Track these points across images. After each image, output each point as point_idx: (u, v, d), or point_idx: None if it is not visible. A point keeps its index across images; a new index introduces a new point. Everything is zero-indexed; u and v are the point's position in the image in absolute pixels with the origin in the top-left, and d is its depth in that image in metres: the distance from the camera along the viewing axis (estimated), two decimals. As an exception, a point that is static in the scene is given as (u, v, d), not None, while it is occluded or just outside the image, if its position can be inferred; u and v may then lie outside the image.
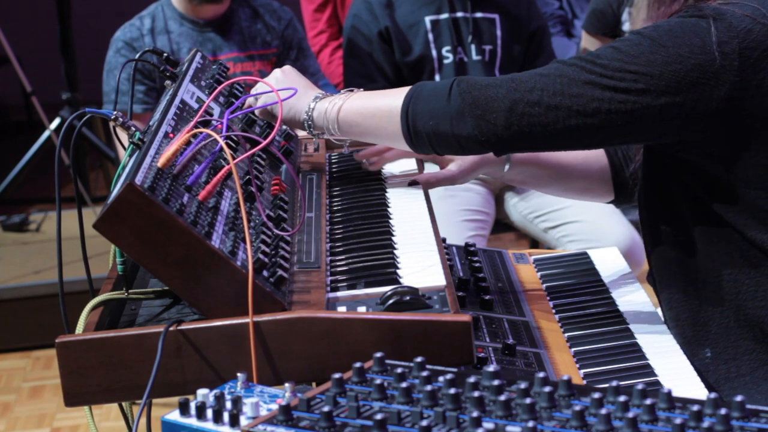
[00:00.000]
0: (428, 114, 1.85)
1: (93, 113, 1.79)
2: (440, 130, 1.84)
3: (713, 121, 1.76)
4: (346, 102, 1.95)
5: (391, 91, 1.94)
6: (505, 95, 1.79)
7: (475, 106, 1.81)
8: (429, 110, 1.85)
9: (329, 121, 1.96)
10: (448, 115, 1.83)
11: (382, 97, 1.94)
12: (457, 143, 1.85)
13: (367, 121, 1.93)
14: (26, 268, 4.41)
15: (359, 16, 3.63)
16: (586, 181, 2.18)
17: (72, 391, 1.61)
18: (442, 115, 1.83)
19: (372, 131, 1.95)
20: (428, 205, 2.03)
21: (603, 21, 3.88)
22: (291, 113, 2.01)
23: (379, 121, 1.92)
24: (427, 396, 1.32)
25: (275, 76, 2.05)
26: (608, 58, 1.77)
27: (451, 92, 1.83)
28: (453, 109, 1.82)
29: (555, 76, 1.79)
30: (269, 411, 1.37)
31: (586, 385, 1.40)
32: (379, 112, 1.92)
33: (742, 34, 1.74)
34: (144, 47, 3.16)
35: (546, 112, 1.78)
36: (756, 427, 1.24)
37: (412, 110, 1.87)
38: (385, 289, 1.67)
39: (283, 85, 2.00)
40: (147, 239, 1.59)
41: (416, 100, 1.87)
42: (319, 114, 1.97)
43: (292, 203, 1.94)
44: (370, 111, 1.93)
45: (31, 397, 3.96)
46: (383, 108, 1.91)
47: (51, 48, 5.20)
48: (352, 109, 1.95)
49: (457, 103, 1.82)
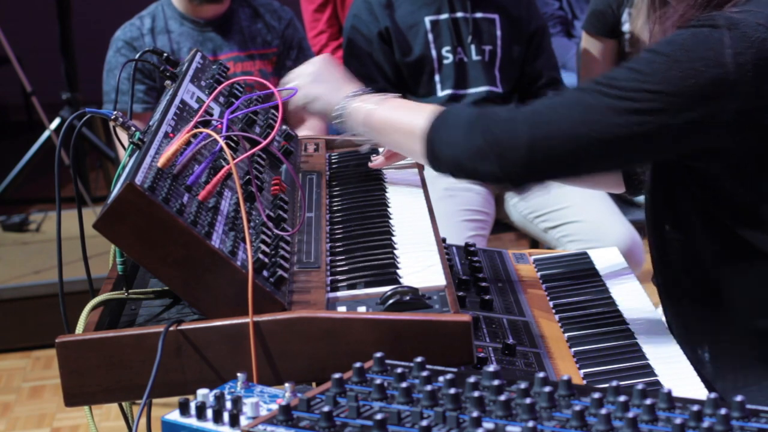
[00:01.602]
0: (450, 145, 1.85)
1: (93, 113, 1.79)
2: (461, 163, 1.84)
3: (730, 133, 1.74)
4: (376, 110, 1.98)
5: (418, 107, 1.95)
6: (525, 132, 1.78)
7: (495, 144, 1.79)
8: (451, 142, 1.85)
9: (357, 123, 2.00)
10: (469, 151, 1.82)
11: (408, 113, 1.94)
12: (477, 177, 1.86)
13: (391, 134, 1.96)
14: (26, 268, 4.41)
15: (359, 16, 3.63)
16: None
17: (72, 391, 1.61)
18: (464, 150, 1.83)
19: (395, 144, 2.00)
20: (428, 205, 2.04)
21: (603, 21, 3.88)
22: (321, 105, 2.06)
23: (403, 137, 1.94)
24: (427, 396, 1.32)
25: (306, 70, 2.11)
26: (625, 79, 1.75)
27: (473, 129, 1.82)
28: (474, 145, 1.81)
29: (574, 105, 1.77)
30: (269, 411, 1.37)
31: (586, 385, 1.40)
32: (403, 128, 1.93)
33: (757, 43, 1.71)
34: (144, 47, 3.16)
35: (567, 143, 1.76)
36: (756, 427, 1.24)
37: (434, 137, 1.87)
38: (385, 289, 1.67)
39: (315, 78, 2.08)
40: (147, 239, 1.59)
41: (439, 128, 1.87)
42: (349, 113, 2.01)
43: (292, 203, 1.94)
44: (395, 126, 1.95)
45: (31, 397, 3.96)
46: (407, 126, 1.92)
47: (51, 48, 5.20)
48: (379, 119, 1.97)
49: (477, 141, 1.81)
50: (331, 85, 2.09)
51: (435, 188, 3.31)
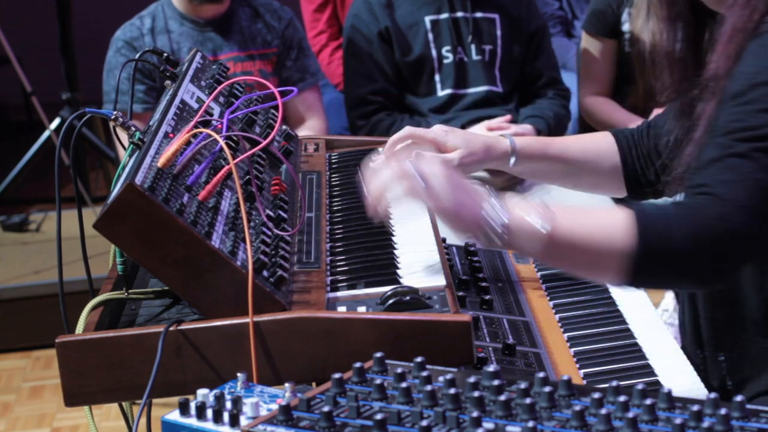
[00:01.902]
0: (670, 261, 1.71)
1: (93, 113, 1.79)
2: (686, 278, 1.75)
3: None
4: (556, 229, 1.70)
5: (601, 219, 1.74)
6: (739, 218, 1.68)
7: (717, 242, 1.69)
8: (671, 260, 1.71)
9: (528, 244, 1.71)
10: (694, 263, 1.71)
11: (599, 229, 1.72)
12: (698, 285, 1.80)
13: (579, 256, 1.73)
14: (26, 268, 4.40)
15: (359, 16, 3.63)
16: (597, 177, 2.16)
17: (72, 391, 1.61)
18: (688, 264, 1.71)
19: (580, 266, 1.77)
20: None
21: (603, 21, 3.88)
22: (463, 224, 1.72)
23: (596, 258, 1.72)
24: (427, 396, 1.32)
25: (438, 181, 1.71)
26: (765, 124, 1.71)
27: (694, 246, 1.69)
28: (699, 257, 1.70)
29: (755, 174, 1.70)
30: (269, 411, 1.37)
31: (586, 385, 1.40)
32: (595, 249, 1.71)
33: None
34: (144, 47, 3.16)
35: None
36: (756, 427, 1.24)
37: (647, 257, 1.70)
38: (385, 289, 1.67)
39: (447, 190, 1.71)
40: (147, 239, 1.59)
41: (651, 248, 1.69)
42: (514, 232, 1.70)
43: (292, 203, 1.94)
44: (586, 247, 1.72)
45: (31, 397, 3.96)
46: (602, 246, 1.71)
47: (51, 48, 5.20)
48: (564, 238, 1.71)
49: (704, 254, 1.69)
50: (465, 194, 1.73)
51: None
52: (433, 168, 1.72)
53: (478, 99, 3.61)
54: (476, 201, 1.71)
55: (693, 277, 1.73)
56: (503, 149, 2.11)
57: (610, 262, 1.71)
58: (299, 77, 3.72)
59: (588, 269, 1.77)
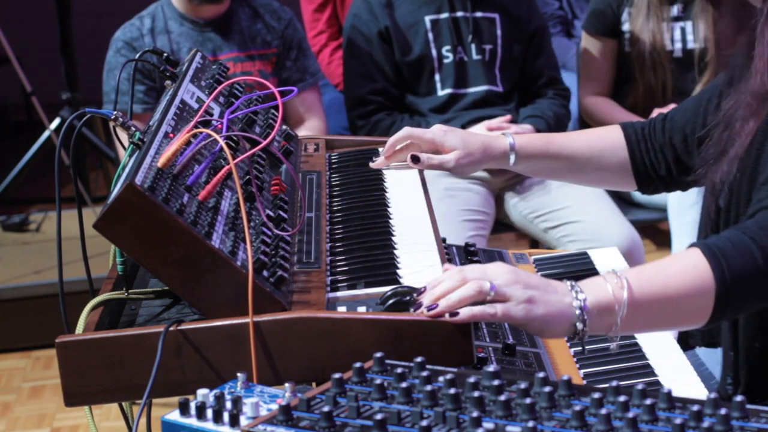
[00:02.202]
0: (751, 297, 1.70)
1: (93, 113, 1.79)
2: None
3: None
4: (632, 297, 1.61)
5: (671, 271, 1.67)
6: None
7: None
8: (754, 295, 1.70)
9: (608, 323, 1.62)
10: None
11: (673, 280, 1.65)
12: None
13: (664, 311, 1.66)
14: (26, 268, 4.40)
15: (359, 16, 3.63)
16: (603, 173, 2.15)
17: (72, 391, 1.61)
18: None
19: (668, 320, 1.69)
20: (428, 205, 2.03)
21: (603, 21, 3.88)
22: (551, 324, 1.60)
23: (686, 305, 1.66)
24: (427, 396, 1.32)
25: (505, 279, 1.59)
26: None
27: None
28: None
29: None
30: (269, 411, 1.37)
31: (586, 385, 1.40)
32: (679, 297, 1.65)
33: None
34: (144, 47, 3.16)
35: None
36: (756, 427, 1.24)
37: (731, 292, 1.66)
38: (385, 289, 1.67)
39: (517, 287, 1.58)
40: (147, 239, 1.59)
41: (733, 284, 1.66)
42: (592, 317, 1.60)
43: (292, 203, 1.94)
44: (670, 299, 1.65)
45: (31, 397, 3.96)
46: (684, 294, 1.65)
47: (51, 48, 5.20)
48: (643, 302, 1.63)
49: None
50: (541, 291, 1.61)
51: (435, 188, 3.31)
52: (503, 276, 1.59)
53: (478, 99, 3.61)
54: (560, 300, 1.59)
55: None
56: (502, 148, 2.11)
57: (695, 308, 1.66)
58: (299, 77, 3.72)
59: (674, 322, 1.71)
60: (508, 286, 1.58)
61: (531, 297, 1.57)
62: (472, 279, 1.58)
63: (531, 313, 1.57)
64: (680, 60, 3.81)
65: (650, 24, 3.76)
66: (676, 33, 3.80)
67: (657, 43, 3.77)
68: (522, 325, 1.59)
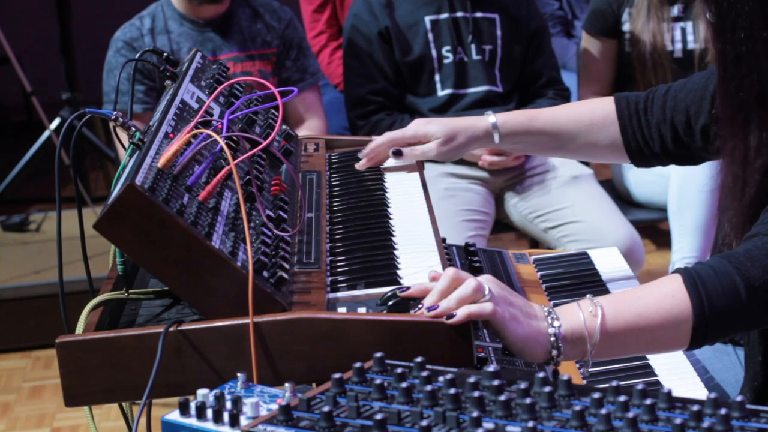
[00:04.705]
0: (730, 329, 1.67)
1: (93, 113, 1.79)
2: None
3: None
4: (605, 325, 1.61)
5: (645, 299, 1.64)
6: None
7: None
8: (732, 320, 1.65)
9: (580, 350, 1.61)
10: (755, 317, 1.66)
11: (647, 308, 1.63)
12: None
13: (637, 338, 1.63)
14: (26, 268, 4.41)
15: (359, 16, 3.63)
16: (593, 148, 2.11)
17: (72, 391, 1.61)
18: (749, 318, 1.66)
19: (645, 346, 1.67)
20: (428, 205, 2.03)
21: (603, 21, 3.88)
22: (526, 346, 1.59)
23: (660, 334, 1.63)
24: (427, 396, 1.32)
25: (492, 289, 1.59)
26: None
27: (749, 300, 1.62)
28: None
29: None
30: (269, 411, 1.37)
31: (586, 385, 1.40)
32: (655, 326, 1.62)
33: None
34: (144, 47, 3.16)
35: None
36: (756, 427, 1.24)
37: (709, 322, 1.63)
38: (385, 289, 1.67)
39: (503, 299, 1.59)
40: (147, 240, 1.59)
41: (711, 318, 1.62)
42: (567, 344, 1.60)
43: (292, 203, 1.94)
44: (644, 327, 1.62)
45: (31, 397, 3.96)
46: (661, 323, 1.62)
47: (51, 48, 5.20)
48: (617, 331, 1.61)
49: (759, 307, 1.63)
50: (522, 313, 1.61)
51: (435, 188, 3.31)
52: (493, 287, 1.59)
53: (478, 99, 3.61)
54: (538, 324, 1.59)
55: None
56: (485, 128, 2.10)
57: (671, 338, 1.63)
58: (299, 77, 3.72)
59: (649, 350, 1.71)
60: (498, 295, 1.59)
61: (514, 315, 1.58)
62: (468, 277, 1.59)
63: (514, 331, 1.57)
64: (680, 60, 3.81)
65: (650, 24, 3.76)
66: (676, 33, 3.80)
67: (657, 43, 3.77)
68: (503, 338, 1.59)
